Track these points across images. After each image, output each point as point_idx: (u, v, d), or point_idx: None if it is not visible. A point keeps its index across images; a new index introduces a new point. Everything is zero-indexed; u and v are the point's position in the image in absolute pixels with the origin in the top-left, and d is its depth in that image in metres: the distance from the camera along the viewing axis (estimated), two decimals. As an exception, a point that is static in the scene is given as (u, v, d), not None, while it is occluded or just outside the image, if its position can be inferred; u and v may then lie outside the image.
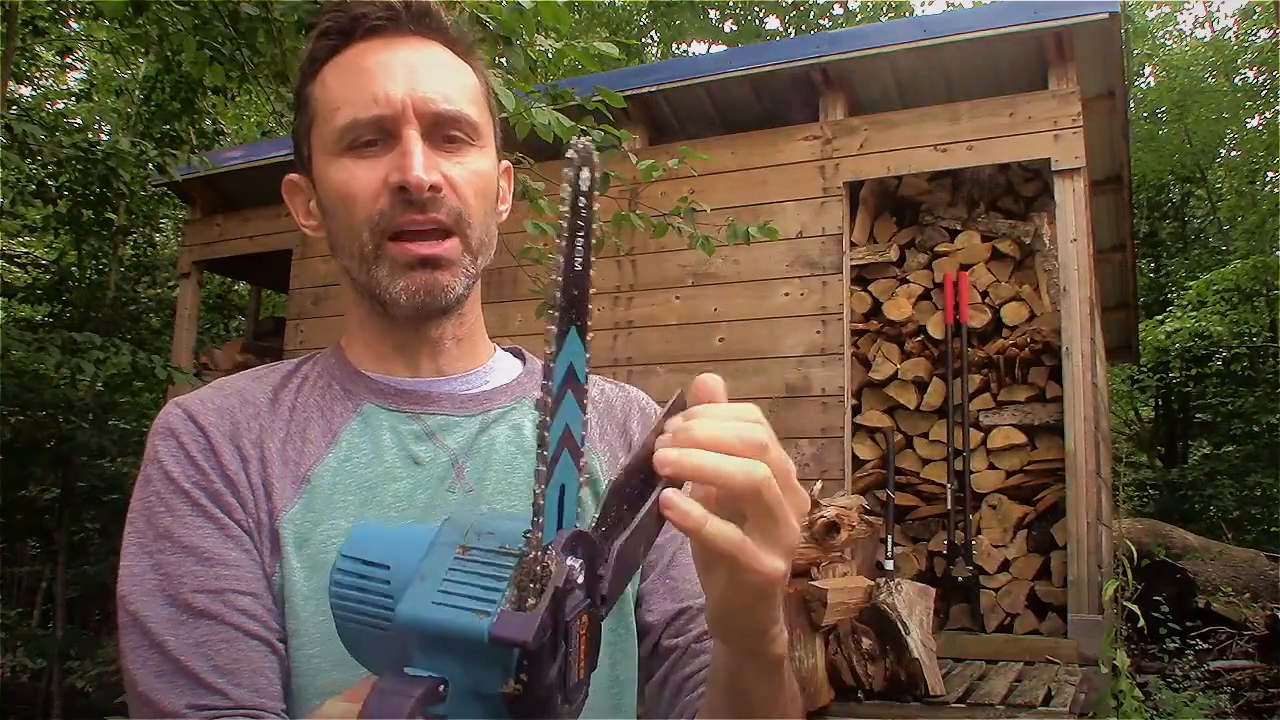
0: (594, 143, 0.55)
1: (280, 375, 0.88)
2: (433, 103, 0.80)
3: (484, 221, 0.84)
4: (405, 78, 0.80)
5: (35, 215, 7.75)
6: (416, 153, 0.78)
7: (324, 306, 6.14)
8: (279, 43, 3.00)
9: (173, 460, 0.78)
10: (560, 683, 0.46)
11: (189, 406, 0.81)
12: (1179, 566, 7.37)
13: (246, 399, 0.83)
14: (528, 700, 0.45)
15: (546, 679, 0.45)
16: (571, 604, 0.47)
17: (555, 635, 0.45)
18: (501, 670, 0.45)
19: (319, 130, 0.83)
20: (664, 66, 8.67)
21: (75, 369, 4.29)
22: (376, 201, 0.79)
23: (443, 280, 0.81)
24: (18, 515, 7.59)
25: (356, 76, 0.81)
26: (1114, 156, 5.76)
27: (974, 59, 4.83)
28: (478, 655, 0.45)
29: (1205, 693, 5.64)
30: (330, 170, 0.82)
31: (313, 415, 0.83)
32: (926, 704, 3.51)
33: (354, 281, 0.85)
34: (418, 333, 0.85)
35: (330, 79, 0.83)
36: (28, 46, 7.29)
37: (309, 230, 0.90)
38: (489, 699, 0.45)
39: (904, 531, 4.83)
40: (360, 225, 0.80)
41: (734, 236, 3.41)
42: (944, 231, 4.97)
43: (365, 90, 0.80)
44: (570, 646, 0.46)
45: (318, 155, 0.84)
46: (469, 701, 0.46)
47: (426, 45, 0.84)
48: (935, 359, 4.80)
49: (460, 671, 0.46)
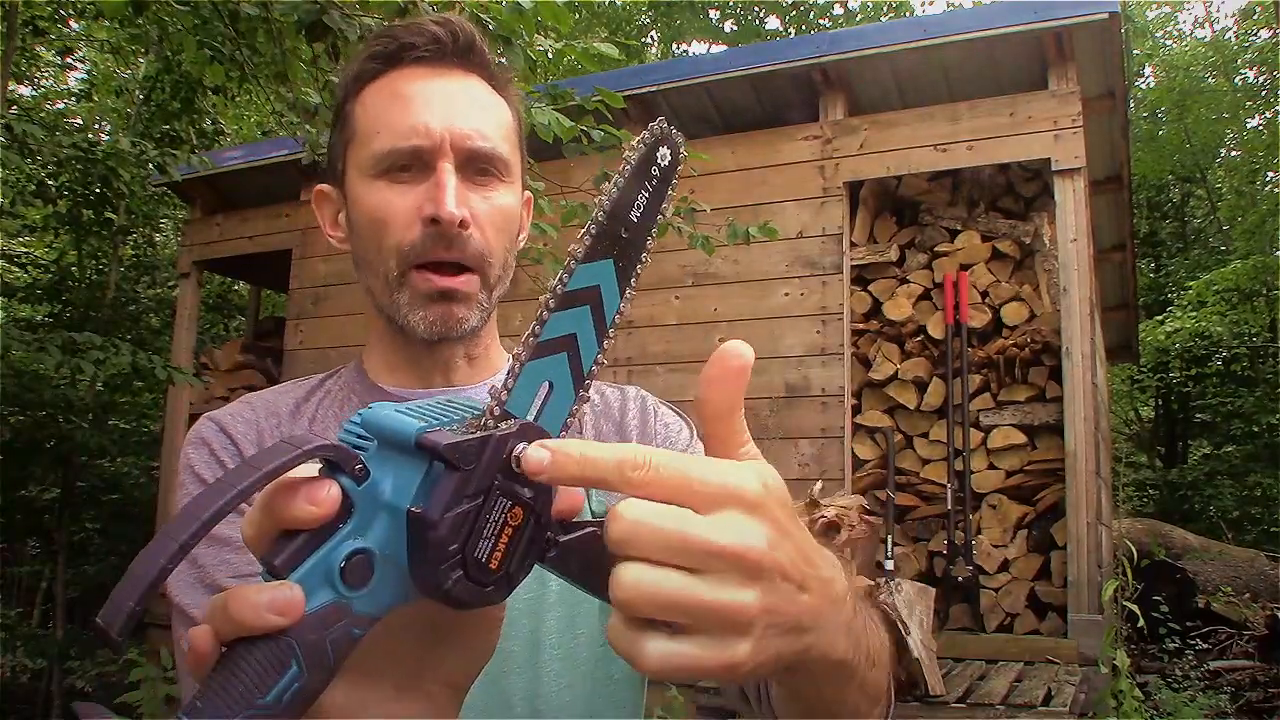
0: (678, 136, 0.56)
1: (305, 389, 0.93)
2: (469, 139, 0.84)
3: (503, 257, 0.88)
4: (444, 111, 0.83)
5: (35, 215, 7.75)
6: (450, 186, 0.82)
7: (324, 306, 6.14)
8: (279, 43, 3.00)
9: (204, 465, 0.83)
10: (462, 545, 0.45)
11: (219, 419, 0.87)
12: (1179, 566, 7.37)
13: (271, 410, 0.89)
14: (425, 536, 0.44)
15: (449, 522, 0.44)
16: (506, 482, 0.46)
17: (473, 484, 0.45)
18: (419, 483, 0.45)
19: (356, 150, 0.87)
20: (664, 66, 8.67)
21: (75, 369, 4.29)
22: (408, 231, 0.83)
23: (458, 313, 0.85)
24: (18, 515, 7.59)
25: (398, 103, 0.84)
26: (1114, 156, 5.76)
27: (974, 59, 4.84)
28: (406, 458, 0.46)
29: (1205, 693, 5.64)
30: (364, 192, 0.85)
31: (331, 426, 0.88)
32: (926, 704, 3.52)
33: (375, 301, 0.88)
34: (431, 354, 0.89)
35: (371, 101, 0.86)
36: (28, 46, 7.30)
37: (334, 240, 0.93)
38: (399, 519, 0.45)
39: (904, 531, 4.83)
40: (389, 251, 0.84)
41: (734, 236, 3.41)
42: (944, 231, 4.97)
43: (405, 119, 0.83)
44: (488, 518, 0.46)
45: (352, 173, 0.87)
46: (390, 568, 0.46)
47: (466, 78, 0.87)
48: (935, 359, 4.80)
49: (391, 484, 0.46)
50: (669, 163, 0.55)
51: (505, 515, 0.47)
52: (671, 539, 0.43)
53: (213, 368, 7.04)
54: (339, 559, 0.45)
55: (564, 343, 0.51)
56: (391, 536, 0.46)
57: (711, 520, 0.43)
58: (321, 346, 6.04)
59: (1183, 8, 19.25)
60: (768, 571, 0.44)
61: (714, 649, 0.43)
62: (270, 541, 0.46)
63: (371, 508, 0.46)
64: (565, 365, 0.51)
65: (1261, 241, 12.10)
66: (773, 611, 0.44)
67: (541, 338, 0.50)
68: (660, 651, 0.43)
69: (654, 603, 0.43)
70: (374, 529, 0.46)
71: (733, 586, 0.43)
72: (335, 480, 0.46)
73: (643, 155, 0.53)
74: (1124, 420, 14.05)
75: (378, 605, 0.46)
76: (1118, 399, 12.85)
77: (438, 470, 0.45)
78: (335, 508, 0.45)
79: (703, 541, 0.43)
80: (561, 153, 2.96)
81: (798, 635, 0.46)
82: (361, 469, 0.46)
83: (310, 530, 0.45)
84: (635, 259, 0.54)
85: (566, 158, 3.01)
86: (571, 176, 3.58)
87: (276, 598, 0.42)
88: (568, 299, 0.51)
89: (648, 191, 0.54)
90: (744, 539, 0.43)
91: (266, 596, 0.42)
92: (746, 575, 0.43)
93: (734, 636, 0.43)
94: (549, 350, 0.50)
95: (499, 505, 0.46)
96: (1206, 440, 13.63)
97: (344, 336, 5.83)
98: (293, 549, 0.45)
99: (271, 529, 0.46)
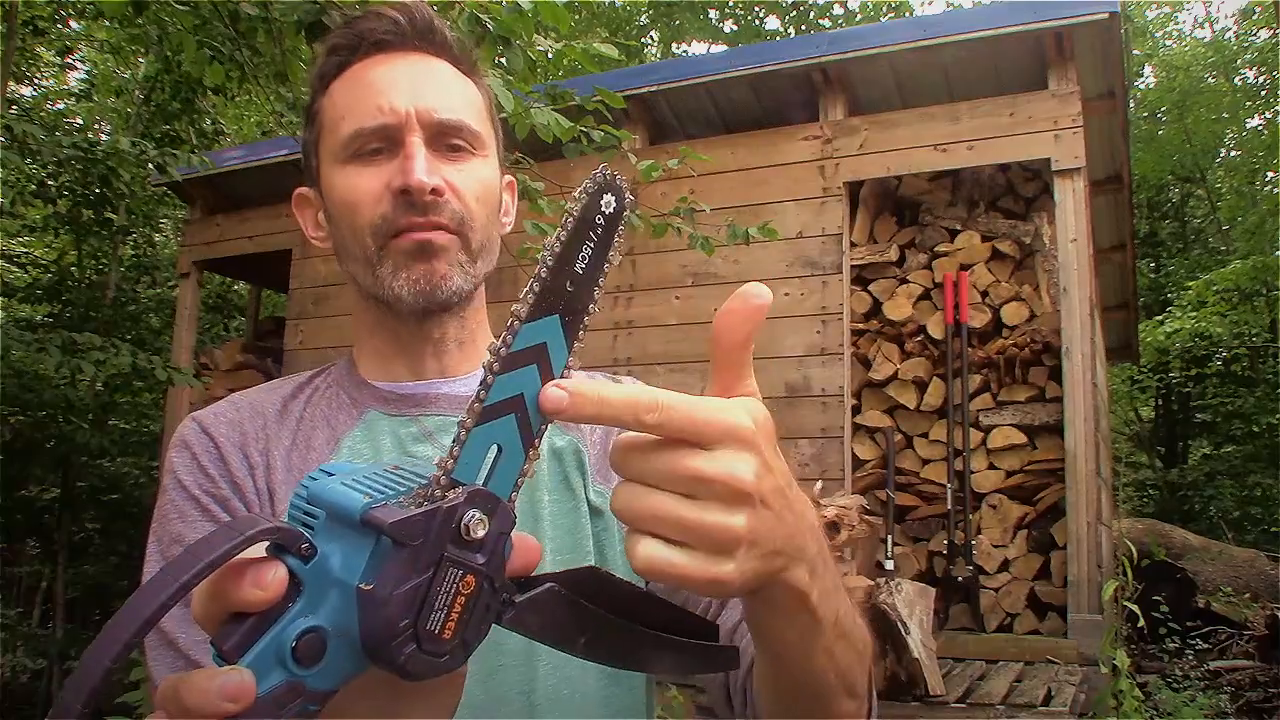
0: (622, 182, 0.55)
1: (293, 386, 0.91)
2: (435, 112, 0.83)
3: (485, 226, 0.86)
4: (409, 89, 0.83)
5: (35, 215, 7.76)
6: (419, 157, 0.81)
7: (324, 306, 6.14)
8: (279, 43, 3.00)
9: (185, 470, 0.82)
10: (414, 619, 0.45)
11: (203, 420, 0.85)
12: (1179, 566, 7.37)
13: (257, 410, 0.87)
14: (375, 614, 0.44)
15: (399, 600, 0.44)
16: (456, 551, 0.46)
17: (422, 559, 0.45)
18: (367, 559, 0.45)
19: (326, 141, 0.86)
20: (664, 66, 8.67)
21: (75, 369, 4.29)
22: (379, 205, 0.82)
23: (440, 269, 0.83)
24: (18, 515, 7.59)
25: (362, 89, 0.84)
26: (1114, 156, 5.76)
27: (974, 59, 4.84)
28: (353, 532, 0.46)
29: (1205, 693, 5.64)
30: (335, 178, 0.85)
31: (319, 424, 0.87)
32: (926, 704, 3.52)
33: (359, 286, 0.87)
34: (421, 329, 0.87)
35: (337, 93, 0.86)
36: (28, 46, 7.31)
37: (317, 242, 0.92)
38: (348, 595, 0.45)
39: (904, 531, 4.83)
40: (363, 229, 0.83)
41: (734, 238, 3.41)
42: (944, 231, 4.97)
43: (370, 101, 0.83)
44: (439, 590, 0.46)
45: (325, 165, 0.86)
46: (343, 644, 0.46)
47: (429, 60, 0.87)
48: (935, 359, 4.80)
49: (340, 560, 0.46)
50: (614, 209, 0.53)
51: (457, 585, 0.47)
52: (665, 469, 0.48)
53: (213, 368, 7.04)
54: (290, 639, 0.44)
55: (512, 404, 0.50)
56: (342, 612, 0.45)
57: (709, 454, 0.48)
58: (322, 346, 6.04)
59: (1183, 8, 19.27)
60: (753, 500, 0.48)
61: (703, 563, 0.48)
62: (219, 624, 0.45)
63: (321, 584, 0.46)
64: (514, 426, 0.50)
65: (1261, 241, 12.11)
66: (756, 535, 0.49)
67: (487, 402, 0.49)
68: (649, 551, 0.48)
69: (649, 513, 0.48)
70: (324, 606, 0.45)
71: (721, 511, 0.48)
72: (282, 561, 0.45)
73: (585, 205, 0.52)
74: (1124, 420, 14.05)
75: (332, 679, 0.46)
76: (1118, 399, 12.85)
77: (385, 545, 0.45)
78: (282, 589, 0.45)
79: (696, 470, 0.48)
80: (561, 153, 2.96)
81: (776, 558, 0.51)
82: (308, 547, 0.46)
83: (259, 612, 0.45)
84: (582, 311, 0.52)
85: (566, 158, 3.01)
86: (571, 177, 3.57)
87: (227, 684, 0.42)
88: (513, 360, 0.50)
89: (592, 241, 0.52)
90: (735, 470, 0.48)
91: (217, 683, 0.42)
92: (735, 502, 0.48)
93: (721, 556, 0.48)
94: (495, 414, 0.49)
95: (450, 576, 0.46)
96: (1206, 440, 13.64)
97: (344, 337, 5.83)
98: (242, 632, 0.44)
99: (219, 613, 0.45)
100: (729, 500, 0.48)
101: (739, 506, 0.48)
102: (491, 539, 0.48)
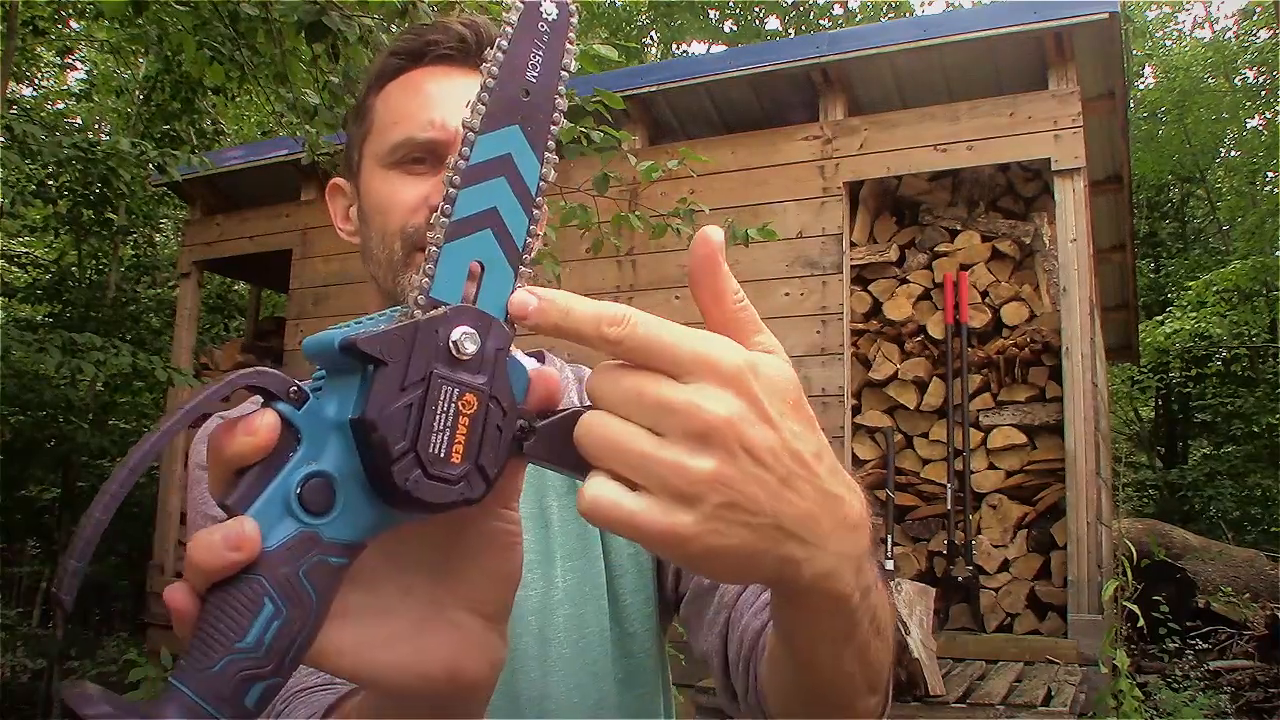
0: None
1: None
2: None
3: None
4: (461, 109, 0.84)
5: (35, 215, 7.76)
6: None
7: (324, 306, 6.13)
8: (279, 43, 3.00)
9: None
10: (411, 441, 0.43)
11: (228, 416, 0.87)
12: (1179, 566, 7.37)
13: None
14: (369, 440, 0.43)
15: (389, 420, 0.43)
16: (446, 370, 0.44)
17: (407, 375, 0.43)
18: (358, 392, 0.44)
19: (373, 141, 0.87)
20: (664, 66, 8.67)
21: (75, 369, 4.28)
22: (414, 216, 0.83)
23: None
24: (18, 515, 7.59)
25: (418, 98, 0.85)
26: (1114, 156, 5.76)
27: (974, 59, 4.84)
28: (344, 373, 0.45)
29: (1205, 693, 5.64)
30: (375, 180, 0.86)
31: None
32: (926, 704, 3.51)
33: (380, 288, 0.88)
34: None
35: (392, 95, 0.88)
36: (28, 46, 7.30)
37: (344, 234, 0.94)
38: (346, 434, 0.44)
39: (904, 531, 4.83)
40: (393, 235, 0.84)
41: (733, 239, 3.41)
42: (944, 231, 4.97)
43: (423, 112, 0.84)
44: (434, 409, 0.44)
45: (367, 163, 0.88)
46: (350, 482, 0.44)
47: None
48: (935, 359, 4.80)
49: (336, 403, 0.45)
50: (557, 16, 0.51)
51: (455, 404, 0.44)
52: (630, 391, 0.42)
53: (213, 368, 7.04)
54: (294, 486, 0.43)
55: (485, 218, 0.47)
56: (344, 454, 0.44)
57: (678, 384, 0.42)
58: (321, 346, 6.04)
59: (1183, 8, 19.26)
60: (727, 442, 0.42)
61: (656, 510, 0.41)
62: (226, 486, 0.44)
63: (320, 430, 0.44)
64: (493, 241, 0.48)
65: (1261, 242, 12.11)
66: (728, 486, 0.42)
67: (455, 216, 0.47)
68: (596, 491, 0.42)
69: (605, 445, 0.42)
70: (327, 451, 0.44)
71: (683, 448, 0.41)
72: (272, 408, 0.44)
73: (524, 14, 0.49)
74: (1124, 420, 14.05)
75: (352, 530, 0.44)
76: (1118, 399, 12.85)
77: (371, 374, 0.44)
78: (273, 434, 0.43)
79: (660, 396, 0.42)
80: (561, 153, 2.96)
81: (778, 536, 0.43)
82: (297, 392, 0.45)
83: (259, 464, 0.43)
84: (546, 120, 0.50)
85: (566, 158, 3.01)
86: (571, 177, 3.58)
87: (230, 533, 0.41)
88: (475, 173, 0.47)
89: (540, 47, 0.50)
90: (703, 402, 0.41)
91: (219, 534, 0.41)
92: (700, 440, 0.41)
93: (679, 504, 0.41)
94: (468, 229, 0.47)
95: (444, 395, 0.44)
96: (1206, 440, 13.64)
97: (344, 337, 5.82)
98: (245, 485, 0.43)
99: (224, 473, 0.44)
100: (694, 438, 0.41)
101: (706, 447, 0.41)
102: (488, 357, 0.45)
